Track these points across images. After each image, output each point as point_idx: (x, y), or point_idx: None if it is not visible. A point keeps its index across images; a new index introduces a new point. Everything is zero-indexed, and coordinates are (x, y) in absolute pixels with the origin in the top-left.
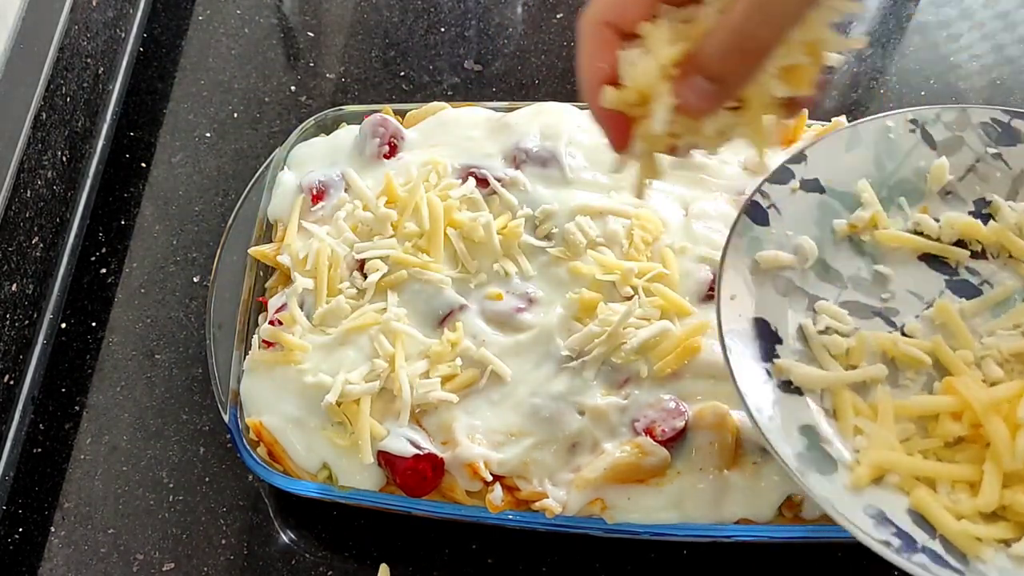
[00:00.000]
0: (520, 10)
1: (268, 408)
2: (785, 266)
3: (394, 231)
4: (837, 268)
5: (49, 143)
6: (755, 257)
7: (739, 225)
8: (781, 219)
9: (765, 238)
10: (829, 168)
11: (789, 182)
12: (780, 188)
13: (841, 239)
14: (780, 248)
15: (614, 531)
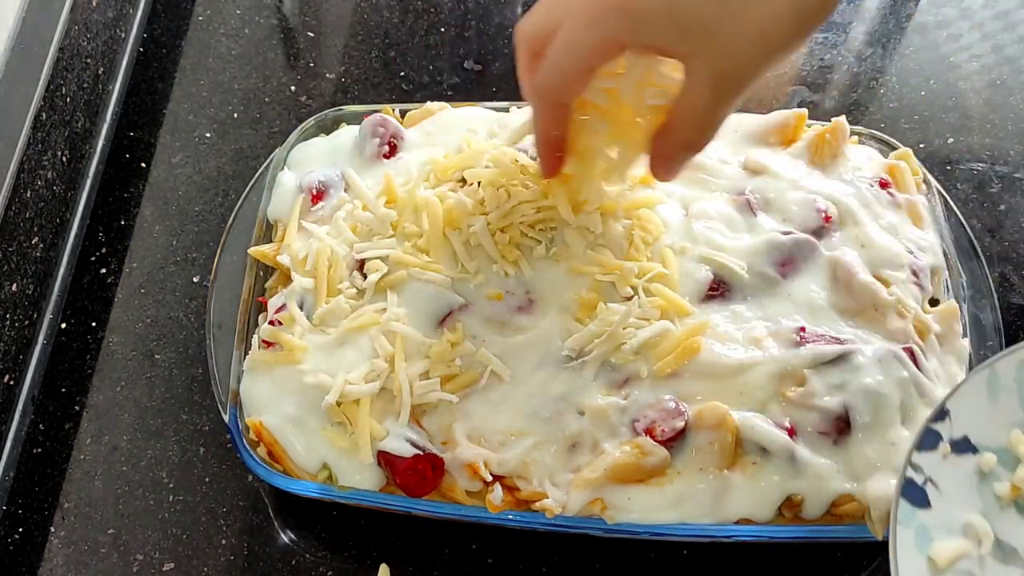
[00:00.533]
0: (520, 10)
1: (268, 408)
2: (962, 556)
3: (394, 231)
4: (1013, 545)
5: (49, 143)
6: (929, 555)
7: (900, 513)
8: (941, 495)
9: (932, 525)
10: (975, 421)
11: (939, 446)
12: (931, 456)
13: (1007, 504)
14: (948, 530)
15: (614, 531)
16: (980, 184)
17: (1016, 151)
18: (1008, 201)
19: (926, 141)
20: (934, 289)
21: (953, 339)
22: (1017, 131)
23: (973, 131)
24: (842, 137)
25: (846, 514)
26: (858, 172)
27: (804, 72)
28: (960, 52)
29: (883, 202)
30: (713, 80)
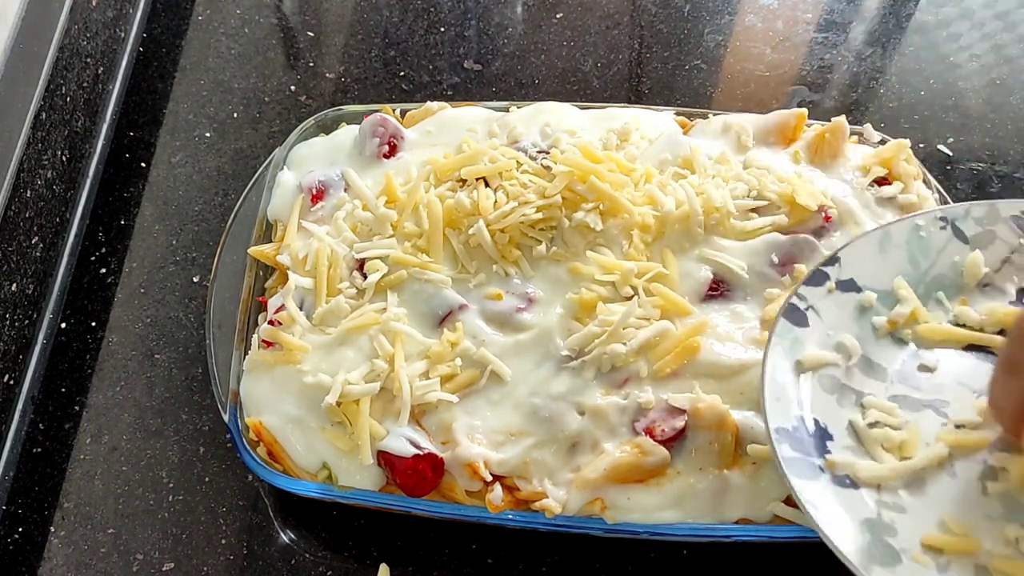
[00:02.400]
0: (520, 10)
1: (268, 408)
2: (829, 364)
3: (394, 231)
4: (882, 363)
5: (49, 143)
6: (798, 358)
7: (779, 327)
8: (820, 320)
9: (806, 339)
10: (864, 268)
11: (824, 284)
12: (816, 290)
13: (883, 336)
14: (821, 346)
15: (614, 531)
16: (980, 184)
17: (1016, 151)
18: None
19: (926, 141)
20: None
21: None
22: (1017, 131)
23: (973, 131)
24: (842, 137)
25: None
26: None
27: (804, 72)
28: (960, 52)
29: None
30: None
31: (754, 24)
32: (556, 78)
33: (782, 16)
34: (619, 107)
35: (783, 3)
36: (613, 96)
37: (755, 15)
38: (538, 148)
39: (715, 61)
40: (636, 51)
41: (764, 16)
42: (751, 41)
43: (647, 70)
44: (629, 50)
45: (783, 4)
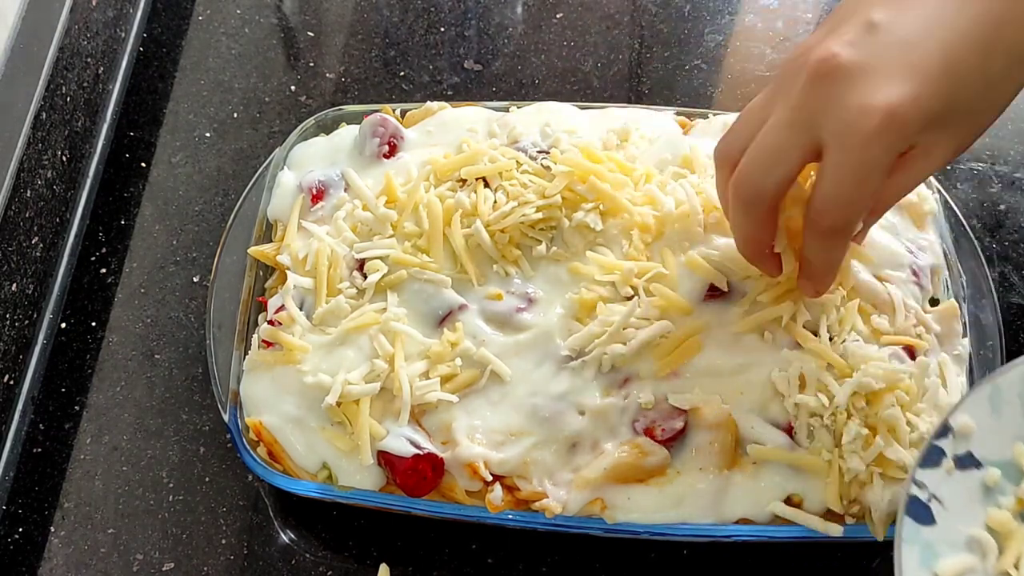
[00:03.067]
0: (520, 10)
1: (268, 408)
2: (967, 571)
3: (394, 231)
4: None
5: (49, 143)
6: (935, 572)
7: (905, 530)
8: (945, 511)
9: (936, 540)
10: (980, 436)
11: (942, 463)
12: (934, 473)
13: (1013, 517)
14: (953, 546)
15: (614, 531)
16: (980, 184)
17: (1016, 151)
18: (1008, 201)
19: None
20: (934, 289)
21: (953, 339)
22: (1017, 131)
23: None
24: None
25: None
26: None
27: None
28: None
29: None
30: (952, 153)
31: (754, 24)
32: (556, 78)
33: (782, 16)
34: (619, 107)
35: (783, 3)
36: (613, 96)
37: (755, 15)
38: (538, 148)
39: (715, 61)
40: (636, 51)
41: (764, 16)
42: (751, 41)
43: (647, 70)
44: (629, 50)
45: (783, 4)
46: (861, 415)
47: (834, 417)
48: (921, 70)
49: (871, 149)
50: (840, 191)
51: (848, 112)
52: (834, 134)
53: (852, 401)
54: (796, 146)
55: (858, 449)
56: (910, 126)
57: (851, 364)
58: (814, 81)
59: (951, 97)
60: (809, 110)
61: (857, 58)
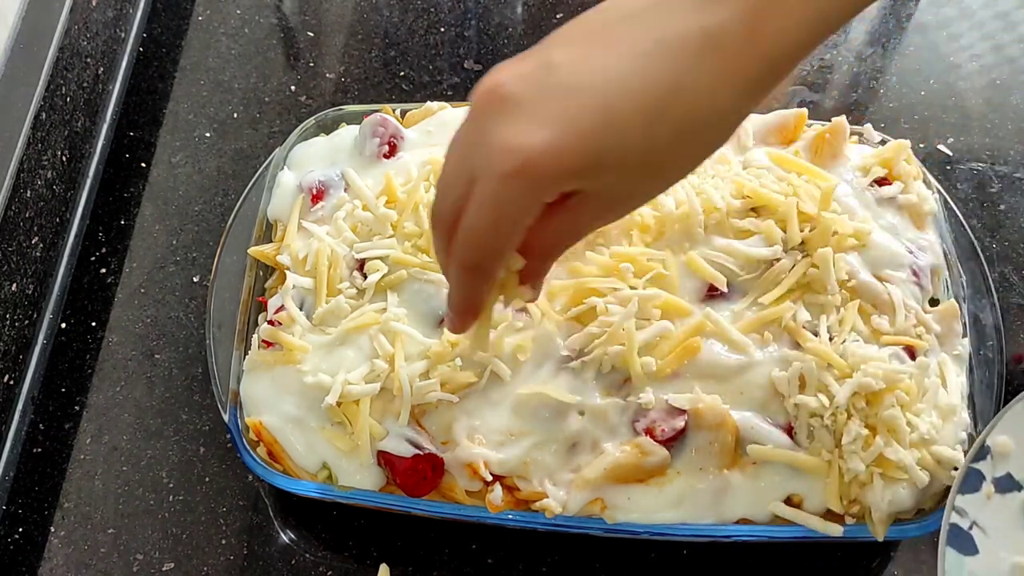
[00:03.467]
0: (520, 10)
1: (268, 408)
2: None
3: (394, 231)
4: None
5: (49, 143)
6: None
7: (949, 561)
8: (988, 539)
9: (980, 571)
10: (1017, 456)
11: (982, 487)
12: (974, 498)
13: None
14: (997, 575)
15: (614, 531)
16: (980, 184)
17: (1016, 151)
18: (1008, 201)
19: (926, 141)
20: (934, 289)
21: (953, 339)
22: (1017, 131)
23: (973, 131)
24: (842, 137)
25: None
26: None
27: (804, 72)
28: (960, 52)
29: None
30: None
31: None
32: None
33: None
34: None
35: None
36: None
37: None
38: None
39: None
40: None
41: None
42: None
43: None
44: None
45: None
46: (861, 415)
47: (834, 417)
48: (573, 121)
49: (505, 191)
50: (476, 228)
51: (492, 149)
52: (479, 168)
53: (852, 401)
54: (458, 178)
55: (858, 449)
56: (546, 176)
57: (851, 364)
58: (477, 110)
59: (601, 156)
60: (469, 140)
61: (518, 93)
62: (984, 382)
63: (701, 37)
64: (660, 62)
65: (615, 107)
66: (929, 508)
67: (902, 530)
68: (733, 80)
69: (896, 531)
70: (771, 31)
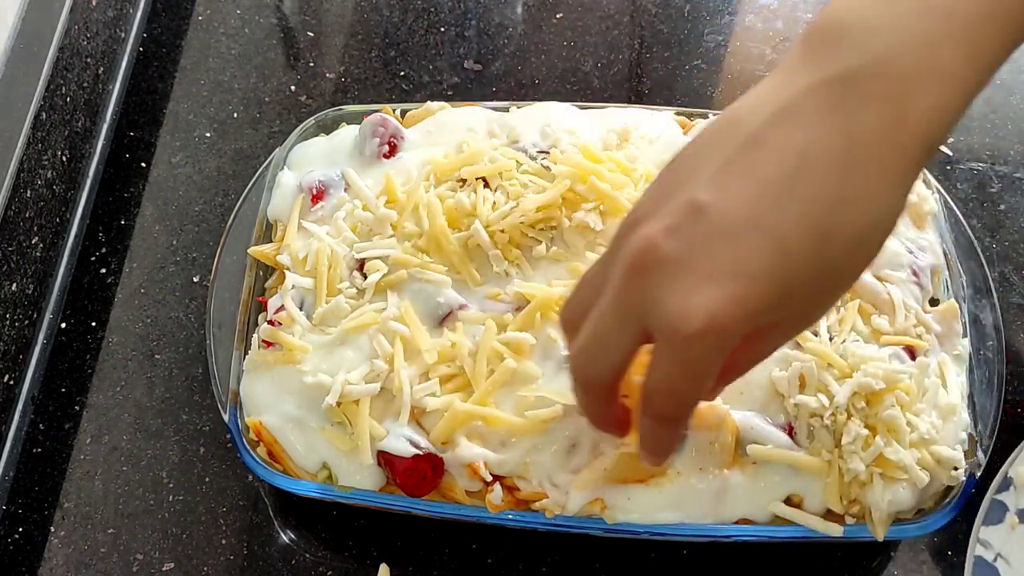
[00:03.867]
0: (520, 10)
1: (268, 408)
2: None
3: (394, 231)
4: None
5: (49, 143)
6: None
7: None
8: (1012, 570)
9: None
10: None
11: (1005, 518)
12: (998, 529)
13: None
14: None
15: (614, 531)
16: (980, 184)
17: (1016, 151)
18: (1008, 201)
19: None
20: (934, 289)
21: (953, 339)
22: (1017, 131)
23: (973, 131)
24: None
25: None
26: None
27: None
28: None
29: None
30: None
31: (754, 24)
32: (556, 78)
33: (782, 16)
34: (619, 107)
35: (783, 3)
36: (613, 96)
37: (755, 15)
38: (538, 148)
39: (715, 61)
40: (636, 51)
41: (764, 16)
42: (751, 41)
43: (647, 70)
44: (629, 50)
45: (783, 4)
46: (861, 415)
47: (834, 417)
48: (747, 268)
49: (694, 351)
50: (668, 384)
51: (668, 312)
52: (658, 329)
53: (852, 401)
54: (624, 335)
55: (858, 449)
56: (734, 328)
57: (851, 364)
58: (633, 273)
59: (783, 292)
60: (632, 304)
61: (676, 251)
62: (984, 382)
63: (846, 143)
64: (810, 181)
65: (782, 241)
66: (929, 508)
67: (902, 530)
68: (891, 177)
69: (896, 531)
70: (916, 118)
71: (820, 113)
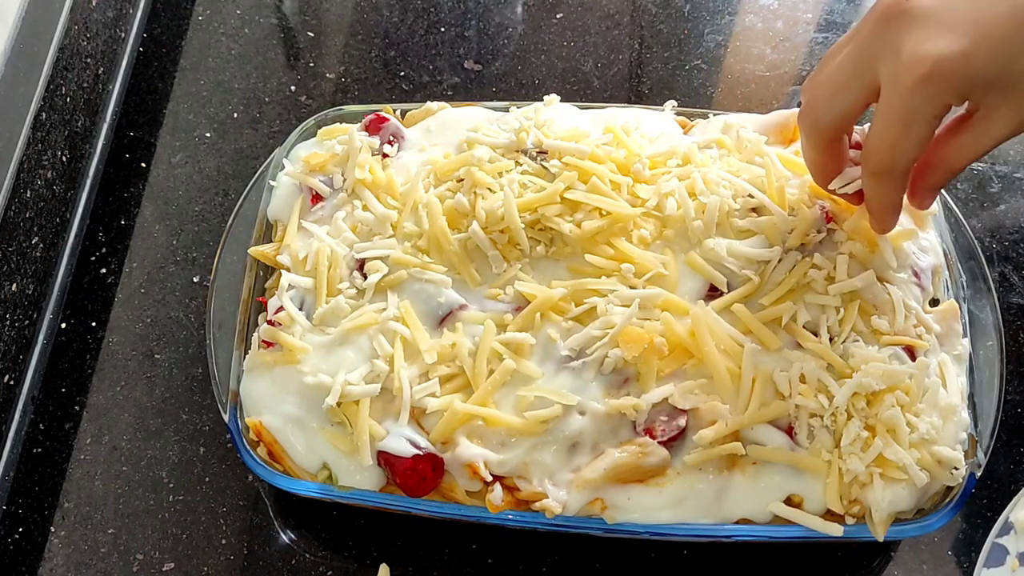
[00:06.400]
0: (520, 10)
1: (268, 408)
2: None
3: (394, 231)
4: None
5: (49, 143)
6: None
7: None
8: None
9: None
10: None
11: (1006, 561)
12: (1000, 572)
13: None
14: None
15: (614, 531)
16: (980, 184)
17: (1016, 151)
18: (1008, 201)
19: None
20: (934, 289)
21: (953, 339)
22: None
23: None
24: None
25: None
26: None
27: (804, 72)
28: None
29: None
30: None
31: (754, 24)
32: (556, 78)
33: (782, 16)
34: (619, 107)
35: (783, 3)
36: (613, 96)
37: (755, 15)
38: (538, 148)
39: (715, 61)
40: (636, 51)
41: (764, 16)
42: (751, 41)
43: (647, 70)
44: (629, 50)
45: (783, 4)
46: (861, 415)
47: (834, 418)
48: (982, 27)
49: (915, 97)
50: (886, 134)
51: (901, 56)
52: (887, 76)
53: (852, 401)
54: (855, 83)
55: (857, 450)
56: (955, 81)
57: (851, 364)
58: (880, 22)
59: (1010, 61)
60: (872, 50)
61: (924, 4)
62: (984, 382)
63: None
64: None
65: (1019, 6)
66: (929, 508)
67: (902, 530)
68: None
69: (896, 531)
70: None
71: None
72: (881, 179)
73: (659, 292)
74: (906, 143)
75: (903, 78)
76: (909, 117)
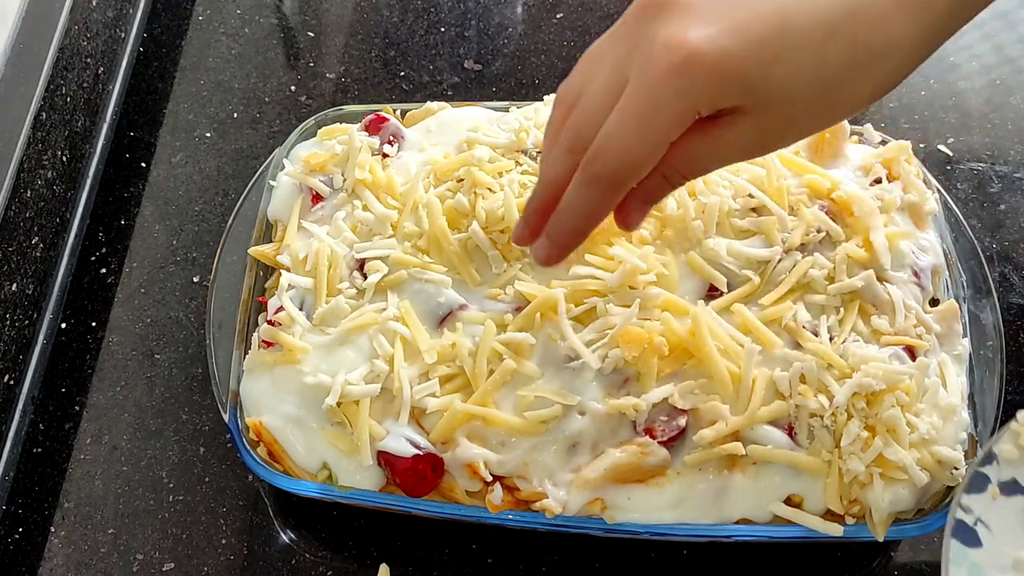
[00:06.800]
0: (520, 10)
1: (268, 408)
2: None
3: (394, 231)
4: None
5: (49, 143)
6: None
7: (952, 552)
8: (992, 535)
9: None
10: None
11: (987, 488)
12: (980, 498)
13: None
14: (1000, 568)
15: (614, 531)
16: (980, 184)
17: (1016, 151)
18: (1008, 201)
19: (926, 141)
20: (934, 289)
21: (953, 339)
22: (1017, 131)
23: (973, 131)
24: (842, 137)
25: None
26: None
27: None
28: (960, 52)
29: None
30: (756, 141)
31: None
32: (556, 78)
33: None
34: None
35: None
36: None
37: None
38: (538, 148)
39: None
40: None
41: None
42: None
43: None
44: None
45: None
46: (861, 415)
47: (834, 418)
48: (744, 24)
49: (664, 89)
50: (620, 130)
51: (654, 45)
52: (636, 67)
53: (852, 401)
54: (605, 86)
55: (857, 450)
56: (710, 77)
57: (851, 364)
58: (639, 10)
59: (769, 66)
60: (629, 38)
61: None
62: (984, 382)
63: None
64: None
65: (790, 16)
66: (929, 508)
67: (902, 530)
68: (914, 12)
69: (896, 531)
70: None
71: None
72: (594, 186)
73: (659, 292)
74: (640, 145)
75: (652, 67)
76: (652, 114)
